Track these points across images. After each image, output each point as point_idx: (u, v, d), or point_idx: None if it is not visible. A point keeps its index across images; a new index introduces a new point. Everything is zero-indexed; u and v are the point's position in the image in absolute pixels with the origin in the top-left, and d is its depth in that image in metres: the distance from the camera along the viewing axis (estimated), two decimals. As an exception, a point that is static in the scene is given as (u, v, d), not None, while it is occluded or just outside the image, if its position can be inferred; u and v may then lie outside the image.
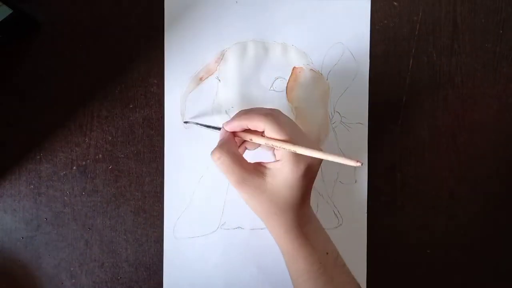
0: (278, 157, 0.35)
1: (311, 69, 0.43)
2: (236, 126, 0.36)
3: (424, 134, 0.45)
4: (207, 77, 0.43)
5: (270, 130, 0.34)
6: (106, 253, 0.43)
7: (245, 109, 0.38)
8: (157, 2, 0.43)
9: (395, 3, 0.44)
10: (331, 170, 0.44)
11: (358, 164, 0.30)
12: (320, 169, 0.43)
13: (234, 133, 0.37)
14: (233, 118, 0.37)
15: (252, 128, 0.36)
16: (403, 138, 0.44)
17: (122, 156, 0.43)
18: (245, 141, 0.38)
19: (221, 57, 0.43)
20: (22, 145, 0.43)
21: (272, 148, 0.36)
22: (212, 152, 0.36)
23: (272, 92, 0.43)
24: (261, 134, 0.36)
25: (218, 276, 0.43)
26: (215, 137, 0.43)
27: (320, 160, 0.36)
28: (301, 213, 0.36)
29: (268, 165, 0.36)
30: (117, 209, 0.43)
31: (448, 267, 0.45)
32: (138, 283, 0.43)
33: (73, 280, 0.43)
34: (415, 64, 0.44)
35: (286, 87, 0.43)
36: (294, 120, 0.43)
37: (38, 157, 0.43)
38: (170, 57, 0.43)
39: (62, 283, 0.43)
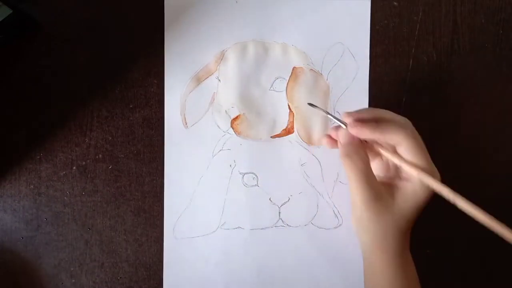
0: (406, 175, 0.33)
1: (311, 69, 0.43)
2: (365, 134, 0.32)
3: (424, 134, 0.44)
4: (207, 77, 0.43)
5: (406, 150, 0.31)
6: (106, 253, 0.43)
7: (373, 109, 0.34)
8: (157, 2, 0.43)
9: (395, 3, 0.44)
10: (331, 170, 0.44)
11: None
12: (320, 169, 0.43)
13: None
14: (363, 123, 0.32)
15: (382, 142, 0.33)
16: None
17: (122, 156, 0.43)
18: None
19: (221, 57, 0.43)
20: (22, 145, 0.43)
21: (388, 163, 0.33)
22: (346, 155, 0.32)
23: (272, 92, 0.43)
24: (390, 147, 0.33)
25: (218, 276, 0.43)
26: (216, 138, 0.43)
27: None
28: (408, 238, 0.34)
29: (397, 184, 0.33)
30: (117, 209, 0.43)
31: (448, 267, 0.45)
32: (138, 283, 0.43)
33: (73, 280, 0.43)
34: (415, 64, 0.44)
35: (286, 87, 0.43)
36: (294, 120, 0.43)
37: (38, 157, 0.43)
38: (170, 57, 0.43)
39: (62, 283, 0.43)
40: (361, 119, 0.33)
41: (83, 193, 0.43)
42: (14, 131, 0.43)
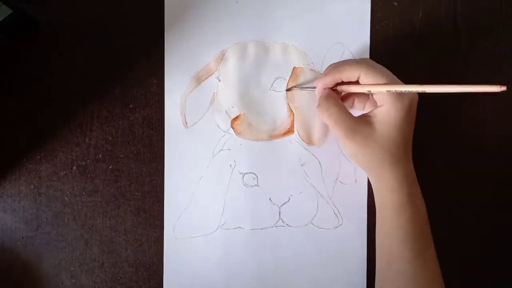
0: (379, 103, 0.35)
1: (311, 69, 0.43)
2: (330, 81, 0.37)
3: (424, 134, 0.44)
4: (207, 77, 0.43)
5: (366, 76, 0.35)
6: (106, 253, 0.43)
7: (333, 63, 0.38)
8: (157, 2, 0.43)
9: (395, 3, 0.44)
10: (331, 170, 0.44)
11: (503, 88, 0.28)
12: (320, 169, 0.43)
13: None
14: (324, 74, 0.38)
15: (346, 80, 0.36)
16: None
17: (122, 156, 0.43)
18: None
19: (221, 57, 0.43)
20: (22, 145, 0.43)
21: (366, 99, 0.37)
22: (319, 106, 0.36)
23: (272, 92, 0.43)
24: (354, 84, 0.36)
25: (218, 276, 0.43)
26: (216, 138, 0.43)
27: (417, 97, 0.36)
28: (409, 167, 0.36)
29: (371, 113, 0.36)
30: (117, 209, 0.43)
31: (448, 267, 0.45)
32: (138, 283, 0.43)
33: (73, 280, 0.43)
34: (415, 64, 0.44)
35: (286, 87, 0.43)
36: (294, 120, 0.43)
37: (38, 157, 0.43)
38: (170, 57, 0.43)
39: (62, 283, 0.43)
40: (324, 74, 0.38)
41: (83, 193, 0.43)
42: (14, 131, 0.43)
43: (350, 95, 0.40)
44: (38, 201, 0.43)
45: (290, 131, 0.43)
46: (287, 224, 0.43)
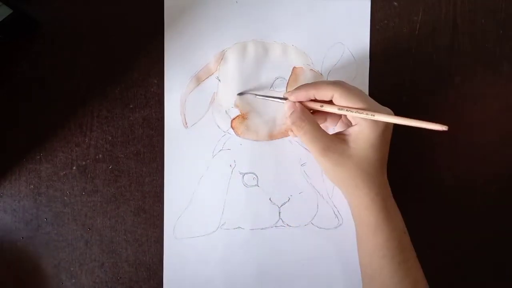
0: (354, 122, 0.36)
1: (311, 69, 0.43)
2: (303, 96, 0.37)
3: (424, 134, 0.45)
4: (207, 77, 0.43)
5: (340, 98, 0.35)
6: (106, 253, 0.43)
7: (307, 83, 0.39)
8: (157, 2, 0.43)
9: (395, 3, 0.44)
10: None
11: (444, 128, 0.31)
12: (320, 169, 0.43)
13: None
14: (298, 88, 0.37)
15: (319, 98, 0.36)
16: (403, 138, 0.44)
17: (122, 156, 0.43)
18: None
19: (221, 57, 0.43)
20: (22, 145, 0.43)
21: (338, 118, 0.37)
22: (293, 122, 0.36)
23: (272, 92, 0.43)
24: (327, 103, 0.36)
25: (218, 276, 0.43)
26: (216, 138, 0.43)
27: (392, 113, 0.36)
28: (383, 183, 0.36)
29: (346, 132, 0.36)
30: (117, 209, 0.43)
31: (448, 267, 0.45)
32: (138, 283, 0.43)
33: (73, 280, 0.43)
34: (415, 64, 0.44)
35: (286, 87, 0.43)
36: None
37: (38, 157, 0.43)
38: (170, 57, 0.43)
39: (62, 283, 0.43)
40: (297, 89, 0.38)
41: (83, 193, 0.43)
42: (14, 131, 0.43)
43: (322, 112, 0.39)
44: (38, 201, 0.43)
45: (290, 131, 0.43)
46: (287, 224, 0.43)
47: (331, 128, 0.41)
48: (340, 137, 0.37)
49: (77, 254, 0.43)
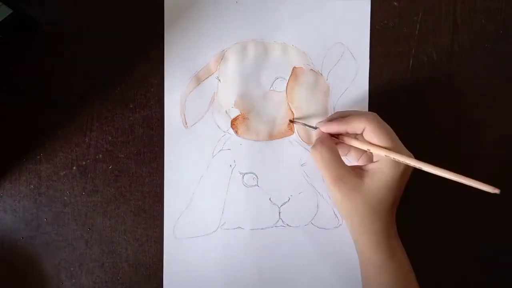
0: (375, 158, 0.35)
1: (311, 69, 0.43)
2: (334, 129, 0.36)
3: (424, 134, 0.45)
4: (207, 77, 0.43)
5: (371, 133, 0.34)
6: (106, 253, 0.43)
7: (341, 111, 0.38)
8: (157, 2, 0.43)
9: (395, 3, 0.44)
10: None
11: (496, 191, 0.30)
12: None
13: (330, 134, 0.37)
14: (331, 120, 0.37)
15: (350, 132, 0.36)
16: (403, 138, 0.44)
17: (122, 156, 0.43)
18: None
19: (221, 57, 0.43)
20: (22, 145, 0.43)
21: (363, 152, 0.36)
22: (313, 147, 0.36)
23: (272, 92, 0.43)
24: (356, 136, 0.36)
25: (218, 276, 0.43)
26: (216, 138, 0.43)
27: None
28: (391, 223, 0.36)
29: (365, 167, 0.35)
30: (117, 209, 0.43)
31: (448, 267, 0.45)
32: (138, 283, 0.43)
33: (73, 280, 0.43)
34: (415, 64, 0.44)
35: (286, 87, 0.43)
36: (294, 120, 0.43)
37: (38, 157, 0.43)
38: (170, 57, 0.43)
39: (62, 283, 0.43)
40: (329, 119, 0.38)
41: (83, 193, 0.43)
42: (14, 131, 0.43)
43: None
44: (38, 201, 0.43)
45: (290, 131, 0.43)
46: (287, 224, 0.43)
47: (355, 161, 0.40)
48: (357, 170, 0.36)
49: (77, 254, 0.43)
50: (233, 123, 0.43)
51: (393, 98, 0.44)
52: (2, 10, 0.38)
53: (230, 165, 0.43)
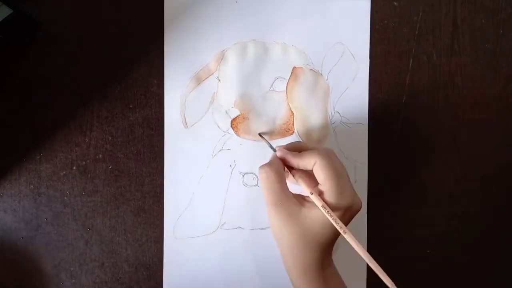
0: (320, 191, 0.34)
1: (311, 69, 0.43)
2: (288, 159, 0.36)
3: (424, 134, 0.45)
4: (207, 77, 0.43)
5: (318, 170, 0.33)
6: (106, 253, 0.43)
7: (303, 142, 0.39)
8: (157, 2, 0.43)
9: (395, 3, 0.44)
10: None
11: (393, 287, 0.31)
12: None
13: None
14: (288, 151, 0.36)
15: (302, 166, 0.35)
16: (403, 138, 0.44)
17: (122, 156, 0.43)
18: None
19: (221, 57, 0.43)
20: (22, 145, 0.43)
21: (313, 182, 0.35)
22: (261, 167, 0.35)
23: (272, 92, 0.43)
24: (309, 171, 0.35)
25: (218, 276, 0.43)
26: (216, 138, 0.43)
27: (360, 207, 0.35)
28: (324, 255, 0.35)
29: (308, 198, 0.35)
30: (117, 209, 0.43)
31: (448, 267, 0.45)
32: (138, 283, 0.43)
33: (73, 280, 0.43)
34: (415, 64, 0.44)
35: (286, 87, 0.43)
36: (294, 120, 0.43)
37: (38, 157, 0.43)
38: (170, 57, 0.43)
39: (62, 283, 0.43)
40: (289, 148, 0.37)
41: (83, 193, 0.43)
42: (14, 131, 0.43)
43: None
44: (38, 201, 0.43)
45: (290, 131, 0.43)
46: (287, 224, 0.43)
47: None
48: (299, 199, 0.35)
49: (77, 254, 0.43)
50: (233, 123, 0.43)
51: (393, 98, 0.44)
52: (2, 10, 0.38)
53: (230, 165, 0.43)
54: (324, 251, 0.34)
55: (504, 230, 0.45)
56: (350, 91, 0.44)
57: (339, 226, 0.33)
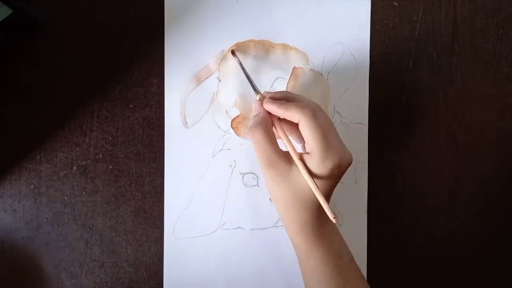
0: (307, 150, 0.34)
1: (311, 69, 0.43)
2: (274, 110, 0.36)
3: (424, 134, 0.45)
4: (207, 77, 0.43)
5: (303, 128, 0.33)
6: (106, 253, 0.43)
7: (289, 92, 0.38)
8: (157, 2, 0.43)
9: (395, 3, 0.44)
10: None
11: (334, 220, 0.32)
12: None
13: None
14: (274, 101, 0.36)
15: (287, 118, 0.35)
16: (403, 138, 0.44)
17: (122, 156, 0.43)
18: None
19: (221, 57, 0.43)
20: (22, 145, 0.43)
21: (303, 141, 0.35)
22: (251, 128, 0.35)
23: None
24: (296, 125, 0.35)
25: (218, 276, 0.43)
26: (216, 138, 0.43)
27: (351, 161, 0.35)
28: (318, 212, 0.35)
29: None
30: (117, 209, 0.43)
31: (448, 267, 0.45)
32: (138, 283, 0.43)
33: (73, 280, 0.43)
34: (415, 64, 0.44)
35: (286, 87, 0.43)
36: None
37: (38, 157, 0.43)
38: (170, 57, 0.43)
39: (62, 283, 0.43)
40: (274, 97, 0.37)
41: (83, 193, 0.43)
42: (14, 131, 0.43)
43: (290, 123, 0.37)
44: (38, 201, 0.43)
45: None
46: (287, 224, 0.43)
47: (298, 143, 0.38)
48: (289, 156, 0.35)
49: (77, 254, 0.43)
50: (233, 123, 0.43)
51: (393, 98, 0.44)
52: (2, 10, 0.38)
53: (230, 165, 0.43)
54: (319, 208, 0.34)
55: (504, 230, 0.45)
56: (350, 91, 0.44)
57: (321, 199, 0.33)
